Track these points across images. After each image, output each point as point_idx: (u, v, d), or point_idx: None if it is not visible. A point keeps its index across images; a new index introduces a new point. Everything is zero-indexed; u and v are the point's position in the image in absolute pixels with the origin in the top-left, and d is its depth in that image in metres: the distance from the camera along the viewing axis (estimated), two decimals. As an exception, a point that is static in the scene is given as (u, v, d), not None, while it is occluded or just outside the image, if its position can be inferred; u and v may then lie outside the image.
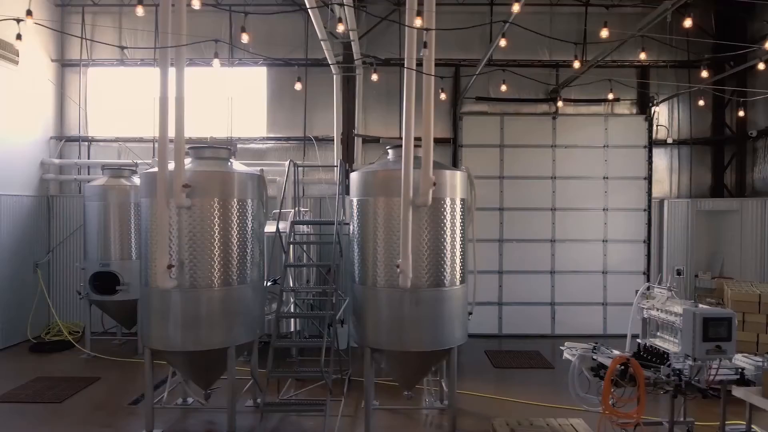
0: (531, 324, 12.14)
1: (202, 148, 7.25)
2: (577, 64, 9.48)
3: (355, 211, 7.00)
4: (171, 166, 6.36)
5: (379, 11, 11.77)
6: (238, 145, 12.63)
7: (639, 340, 6.72)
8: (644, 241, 12.30)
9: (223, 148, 7.36)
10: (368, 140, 12.33)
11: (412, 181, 6.19)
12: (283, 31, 12.43)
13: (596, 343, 6.47)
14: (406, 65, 6.16)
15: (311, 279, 10.27)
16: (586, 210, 12.27)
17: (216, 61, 10.60)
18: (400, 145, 6.39)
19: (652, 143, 12.32)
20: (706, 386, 5.62)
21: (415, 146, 6.84)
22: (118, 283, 10.21)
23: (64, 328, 11.53)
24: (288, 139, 12.62)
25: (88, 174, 12.48)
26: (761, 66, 9.12)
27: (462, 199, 6.98)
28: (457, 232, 6.86)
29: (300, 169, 12.33)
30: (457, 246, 6.86)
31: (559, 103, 12.23)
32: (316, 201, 12.39)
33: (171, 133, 6.33)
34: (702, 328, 5.51)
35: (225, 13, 12.21)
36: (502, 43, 8.98)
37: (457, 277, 6.87)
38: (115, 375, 9.33)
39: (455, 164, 12.32)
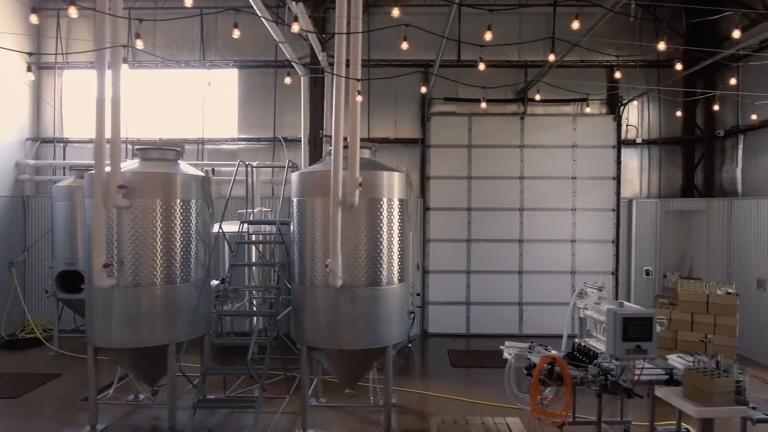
0: (499, 324, 12.17)
1: (149, 150, 7.42)
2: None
3: (295, 211, 7.10)
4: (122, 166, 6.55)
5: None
6: (210, 146, 12.90)
7: (576, 340, 6.78)
8: (613, 242, 12.29)
9: (170, 150, 7.51)
10: (338, 141, 12.40)
11: (341, 181, 6.27)
12: (253, 33, 12.50)
13: (532, 342, 6.54)
14: (335, 71, 6.25)
15: (273, 278, 10.36)
16: (555, 210, 12.27)
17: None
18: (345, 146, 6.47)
19: (621, 143, 12.33)
20: (632, 386, 5.66)
21: (363, 147, 6.97)
22: (84, 282, 10.37)
23: (36, 326, 11.73)
24: (259, 140, 12.74)
25: (63, 175, 12.66)
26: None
27: (401, 200, 7.05)
28: (395, 232, 6.93)
29: (270, 170, 12.53)
30: (395, 246, 6.93)
31: (528, 104, 12.26)
32: (285, 201, 12.49)
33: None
34: (622, 327, 5.55)
35: (196, 14, 12.32)
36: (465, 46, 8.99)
37: (395, 276, 6.94)
38: (77, 371, 9.46)
39: (424, 165, 12.39)
